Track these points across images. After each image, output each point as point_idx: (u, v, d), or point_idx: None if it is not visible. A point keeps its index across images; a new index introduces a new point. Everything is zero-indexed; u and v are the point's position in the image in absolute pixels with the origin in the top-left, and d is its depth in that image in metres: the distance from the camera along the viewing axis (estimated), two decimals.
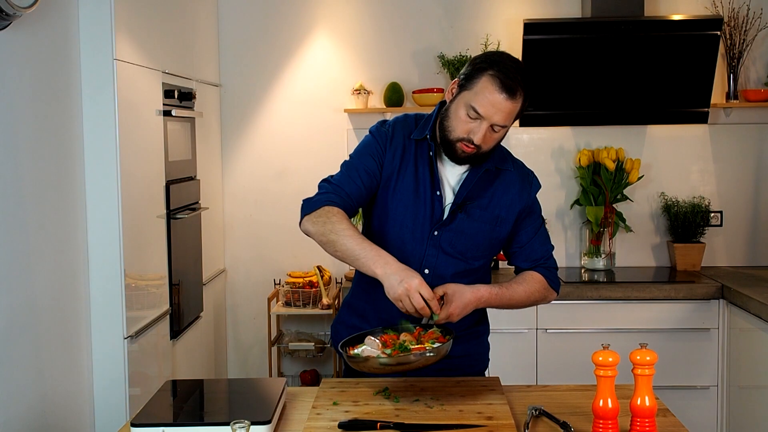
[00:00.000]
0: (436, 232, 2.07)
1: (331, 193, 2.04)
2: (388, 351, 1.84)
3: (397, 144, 2.10)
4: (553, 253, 2.19)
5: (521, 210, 2.12)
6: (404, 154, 2.09)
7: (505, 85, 1.91)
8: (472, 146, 1.97)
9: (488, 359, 2.28)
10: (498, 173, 2.10)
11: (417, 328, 1.94)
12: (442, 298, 1.92)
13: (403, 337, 1.91)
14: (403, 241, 2.08)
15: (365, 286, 2.14)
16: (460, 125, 1.97)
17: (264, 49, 4.15)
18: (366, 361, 1.82)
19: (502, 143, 2.13)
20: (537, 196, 2.18)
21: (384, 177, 2.09)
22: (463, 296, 1.93)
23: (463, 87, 1.98)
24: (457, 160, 2.03)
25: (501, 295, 2.03)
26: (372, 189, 2.09)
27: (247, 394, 1.96)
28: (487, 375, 2.24)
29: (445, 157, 2.08)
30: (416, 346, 1.85)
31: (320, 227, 1.97)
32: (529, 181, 2.15)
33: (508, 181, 2.11)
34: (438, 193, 2.06)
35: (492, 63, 1.94)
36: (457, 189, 2.08)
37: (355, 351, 1.88)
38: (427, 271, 2.08)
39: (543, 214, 2.22)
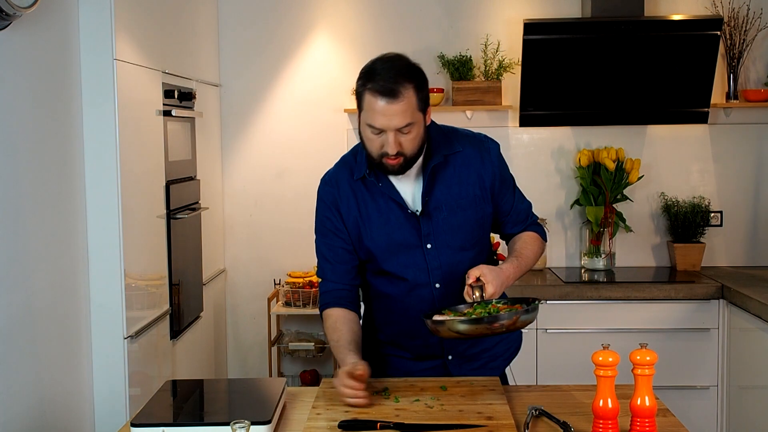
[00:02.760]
0: (429, 245, 2.06)
1: (324, 293, 2.14)
2: (470, 312, 1.90)
3: (347, 194, 2.09)
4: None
5: (492, 180, 2.09)
6: (358, 198, 2.08)
7: (383, 92, 1.89)
8: (394, 157, 1.95)
9: (521, 340, 2.31)
10: (451, 158, 2.07)
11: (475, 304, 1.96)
12: (478, 279, 1.94)
13: (477, 309, 1.93)
14: (402, 272, 2.08)
15: (389, 321, 2.18)
16: (372, 144, 1.96)
17: (264, 49, 4.15)
18: (442, 324, 1.86)
19: (444, 123, 2.16)
20: (501, 156, 2.15)
21: (351, 229, 2.09)
22: (499, 275, 1.96)
23: (359, 109, 1.98)
24: (395, 173, 2.00)
25: (520, 266, 2.07)
26: (352, 249, 2.11)
27: (247, 394, 1.97)
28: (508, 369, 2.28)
29: (397, 178, 2.06)
30: (504, 306, 1.90)
31: (324, 330, 2.13)
32: (486, 148, 2.12)
33: (465, 159, 2.09)
34: (409, 211, 2.05)
35: (366, 77, 1.95)
36: (419, 198, 2.06)
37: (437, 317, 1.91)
38: (438, 285, 2.08)
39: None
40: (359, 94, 1.96)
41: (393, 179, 2.06)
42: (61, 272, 2.51)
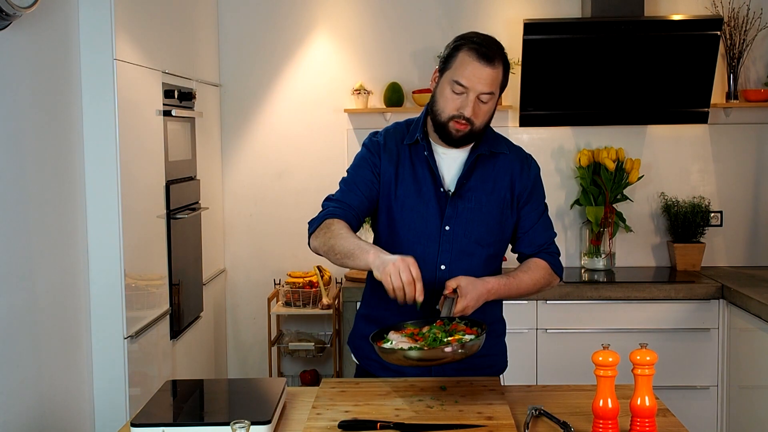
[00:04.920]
0: (447, 227, 2.09)
1: (332, 207, 2.09)
2: (420, 344, 1.81)
3: (391, 151, 2.13)
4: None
5: (521, 192, 2.14)
6: (400, 160, 2.12)
7: (481, 53, 1.98)
8: (464, 122, 2.01)
9: (507, 361, 2.28)
10: (494, 157, 2.13)
11: (438, 321, 1.92)
12: (455, 291, 1.93)
13: (434, 330, 1.88)
14: (415, 242, 2.10)
15: (381, 293, 2.15)
16: (449, 104, 2.02)
17: (264, 49, 4.15)
18: (394, 353, 1.79)
19: (499, 131, 2.20)
20: (540, 178, 2.20)
21: (383, 184, 2.12)
22: (476, 288, 1.94)
23: (443, 69, 2.05)
24: (453, 141, 2.06)
25: (509, 285, 2.05)
26: (373, 198, 2.13)
27: (247, 394, 1.96)
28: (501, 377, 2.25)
29: (442, 154, 2.12)
30: (451, 338, 1.83)
31: (321, 238, 2.01)
32: (528, 164, 2.18)
33: (507, 163, 2.15)
34: (442, 189, 2.09)
35: (466, 39, 2.03)
36: (456, 180, 2.11)
37: (386, 345, 1.84)
38: (443, 267, 2.09)
39: None
40: (452, 52, 2.03)
41: (438, 156, 2.11)
42: (61, 272, 2.51)
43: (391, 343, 1.85)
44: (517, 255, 2.22)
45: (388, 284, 1.80)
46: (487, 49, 1.98)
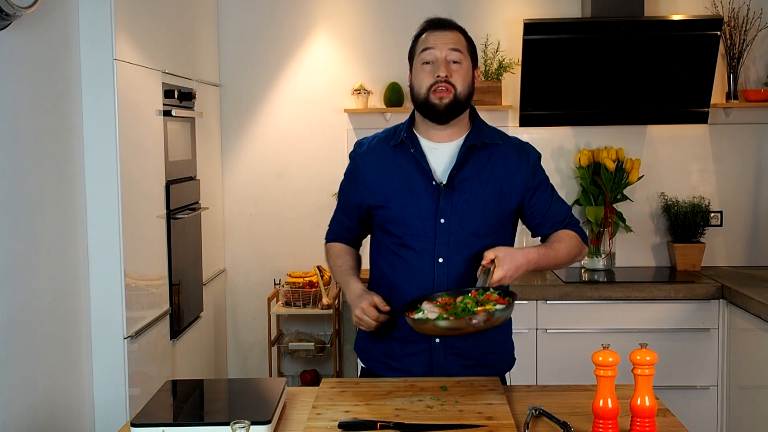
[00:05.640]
0: (442, 220, 2.09)
1: (330, 233, 2.33)
2: (448, 313, 1.87)
3: (375, 155, 2.17)
4: None
5: (525, 181, 2.14)
6: (386, 162, 2.15)
7: (433, 23, 2.15)
8: (444, 85, 2.05)
9: (514, 357, 2.30)
10: (487, 149, 2.14)
11: (473, 291, 1.94)
12: (492, 261, 1.93)
13: (466, 300, 1.92)
14: (412, 237, 2.10)
15: (385, 298, 2.17)
16: (425, 77, 2.09)
17: (264, 49, 4.15)
18: (425, 323, 1.87)
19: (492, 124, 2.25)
20: (540, 164, 2.21)
21: (371, 191, 2.15)
22: (515, 259, 1.96)
23: (411, 59, 2.17)
24: (441, 114, 2.08)
25: (548, 255, 2.07)
26: (363, 216, 2.22)
27: (247, 394, 1.97)
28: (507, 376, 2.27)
29: (432, 149, 2.13)
30: (479, 308, 1.86)
31: (328, 262, 2.32)
32: (526, 151, 2.19)
33: (503, 155, 2.15)
34: (434, 183, 2.09)
35: (421, 26, 2.18)
36: (448, 172, 2.12)
37: (418, 315, 1.91)
38: (441, 260, 2.09)
39: None
40: (413, 45, 2.17)
41: (427, 150, 2.12)
42: (61, 272, 2.51)
43: (423, 312, 1.90)
44: (539, 238, 2.23)
45: (363, 327, 2.09)
46: (438, 19, 2.15)
